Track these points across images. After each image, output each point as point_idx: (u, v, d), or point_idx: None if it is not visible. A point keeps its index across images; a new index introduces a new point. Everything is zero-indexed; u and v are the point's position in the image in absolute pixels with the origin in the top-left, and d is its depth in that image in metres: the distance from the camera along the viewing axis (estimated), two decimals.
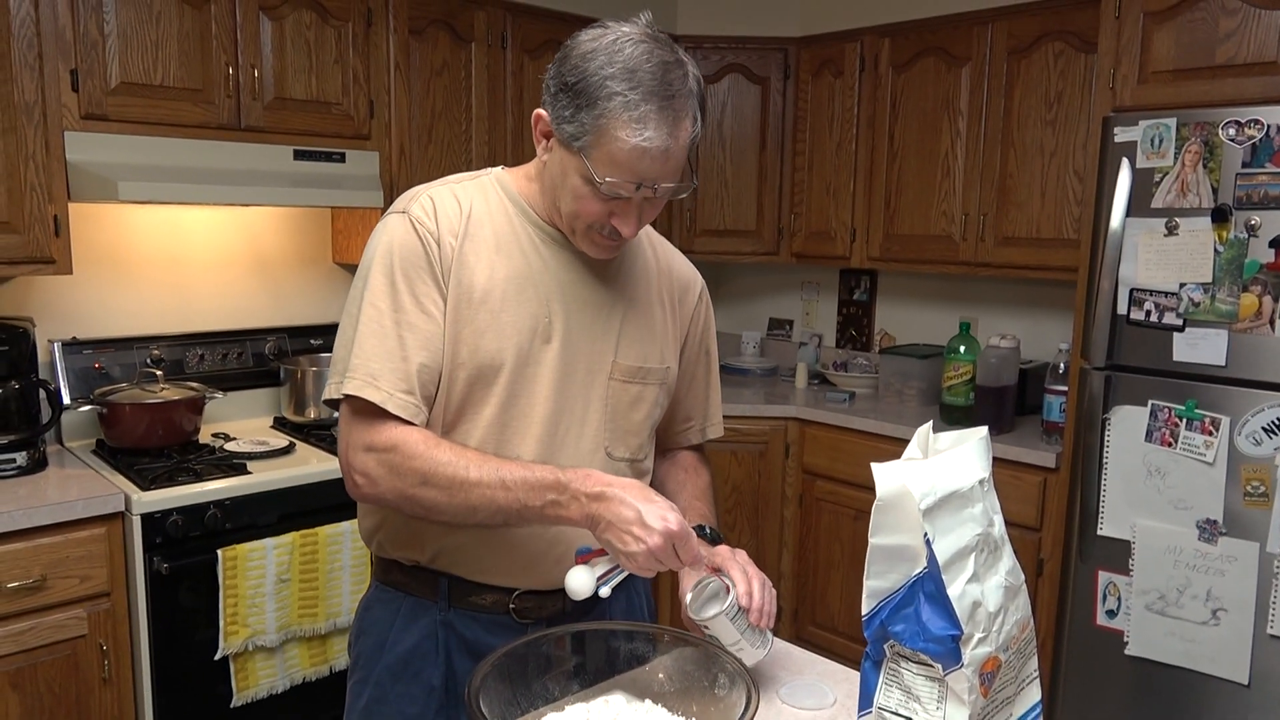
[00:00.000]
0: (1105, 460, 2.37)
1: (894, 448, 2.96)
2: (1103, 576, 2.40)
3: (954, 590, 0.81)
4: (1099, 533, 2.39)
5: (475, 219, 1.24)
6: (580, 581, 1.13)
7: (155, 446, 2.40)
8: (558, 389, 1.26)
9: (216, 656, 2.19)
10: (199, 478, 2.24)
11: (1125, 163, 2.30)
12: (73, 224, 2.31)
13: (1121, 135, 2.30)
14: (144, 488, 2.15)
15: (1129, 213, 2.30)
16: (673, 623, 1.38)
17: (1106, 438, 2.37)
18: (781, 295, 4.06)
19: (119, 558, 2.12)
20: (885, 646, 0.87)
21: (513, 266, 1.24)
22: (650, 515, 1.06)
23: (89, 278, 2.56)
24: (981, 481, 0.87)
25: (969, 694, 0.81)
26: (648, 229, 1.43)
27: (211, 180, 2.37)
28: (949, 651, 0.81)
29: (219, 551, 2.16)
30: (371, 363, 1.18)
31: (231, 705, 2.23)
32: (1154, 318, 2.28)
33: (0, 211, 2.14)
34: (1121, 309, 2.33)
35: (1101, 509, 2.39)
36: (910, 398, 3.27)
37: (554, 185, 1.23)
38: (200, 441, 2.53)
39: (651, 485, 1.48)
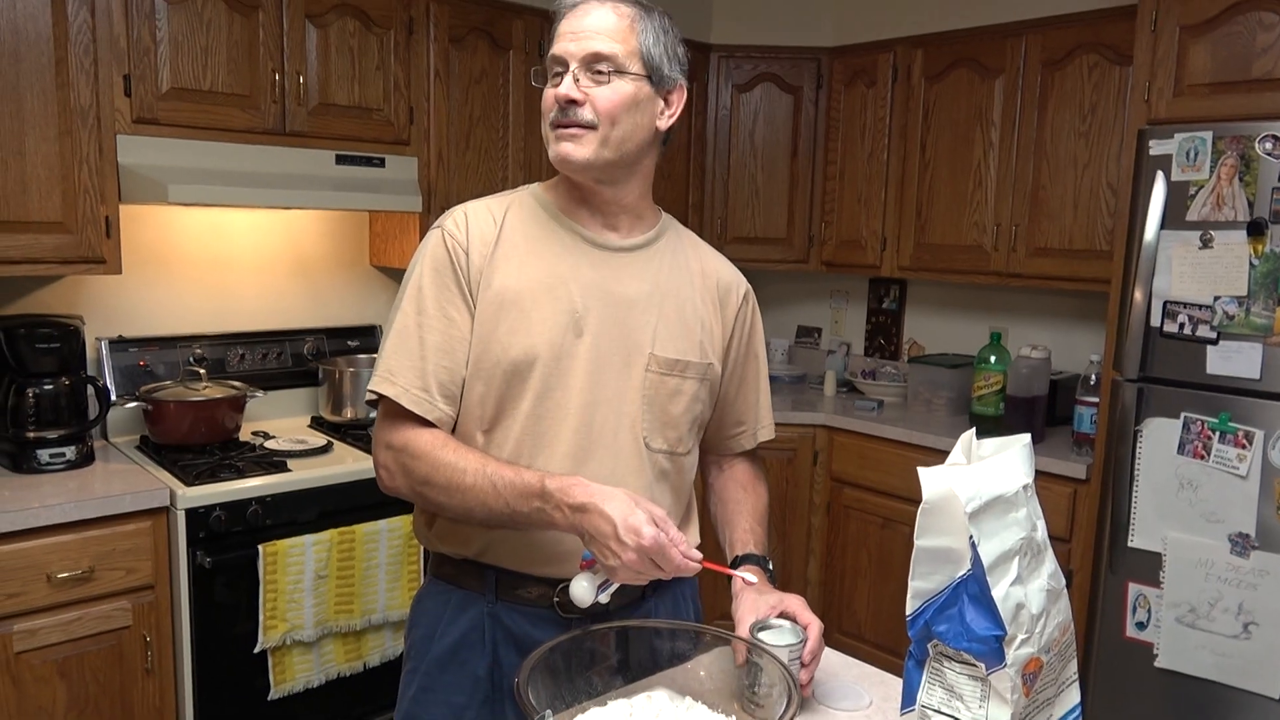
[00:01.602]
0: (1136, 472, 2.38)
1: (923, 456, 2.97)
2: (1133, 588, 2.40)
3: (998, 592, 0.83)
4: (1129, 544, 2.40)
5: (509, 226, 1.32)
6: (581, 589, 1.16)
7: (198, 443, 2.45)
8: (592, 381, 1.30)
9: (255, 650, 2.24)
10: (241, 474, 2.29)
11: (1160, 175, 2.30)
12: (121, 225, 2.37)
13: (1156, 148, 2.31)
14: (188, 483, 2.20)
15: (1163, 225, 2.31)
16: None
17: (1138, 450, 2.37)
18: (810, 303, 4.08)
19: (163, 551, 2.18)
20: (929, 646, 0.89)
21: (544, 266, 1.30)
22: (624, 530, 1.08)
23: (135, 277, 2.63)
24: (1025, 487, 0.89)
25: (1011, 693, 0.84)
26: (692, 236, 1.47)
27: (256, 183, 2.43)
28: (993, 651, 0.84)
29: (260, 547, 2.21)
30: (392, 361, 1.28)
31: (269, 698, 2.28)
32: (1187, 330, 2.28)
33: (54, 212, 2.20)
34: (1155, 321, 2.34)
35: (1132, 521, 2.39)
36: (939, 407, 3.28)
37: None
38: (241, 439, 2.58)
39: (711, 500, 1.53)
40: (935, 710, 0.88)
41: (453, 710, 1.33)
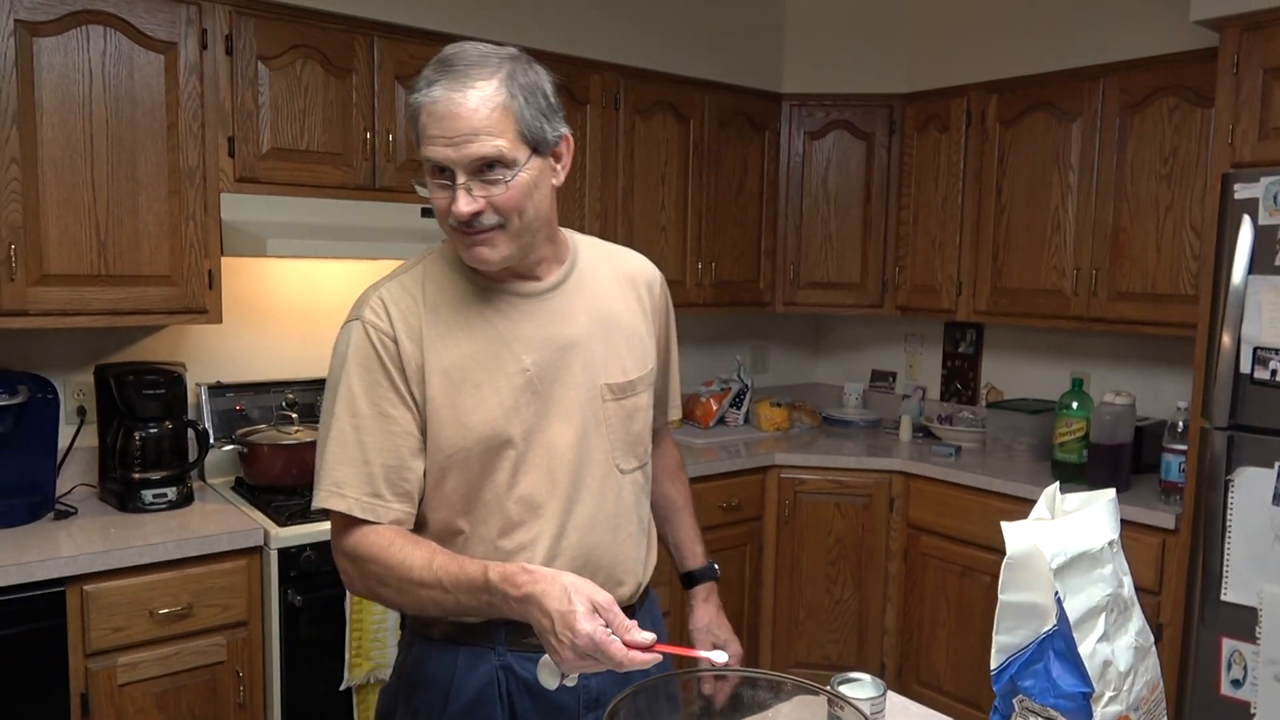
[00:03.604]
0: (1229, 523, 2.31)
1: (1003, 504, 2.93)
2: (1227, 644, 2.32)
3: (1084, 648, 0.84)
4: (1223, 598, 2.32)
5: (431, 303, 1.29)
6: (544, 674, 1.14)
7: (289, 485, 2.55)
8: (560, 431, 1.31)
9: (341, 687, 2.30)
10: (330, 516, 2.37)
11: (1246, 219, 2.27)
12: (222, 276, 2.50)
13: (1242, 192, 2.28)
14: (280, 524, 2.29)
15: (1251, 270, 2.26)
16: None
17: (1230, 500, 2.31)
18: (884, 347, 4.06)
19: (256, 589, 2.26)
20: (1014, 701, 0.89)
21: (479, 336, 1.29)
22: (560, 628, 1.06)
23: (233, 326, 2.76)
24: (1111, 543, 0.90)
25: None
26: (596, 242, 1.47)
27: (347, 237, 2.54)
28: (1080, 708, 0.84)
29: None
30: (335, 472, 1.25)
31: None
32: None
33: (162, 266, 2.34)
34: (1244, 368, 2.28)
35: (1225, 573, 2.32)
36: (1020, 453, 3.22)
37: None
38: None
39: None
40: None
41: None
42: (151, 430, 2.39)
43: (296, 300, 2.89)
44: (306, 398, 2.84)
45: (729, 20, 3.43)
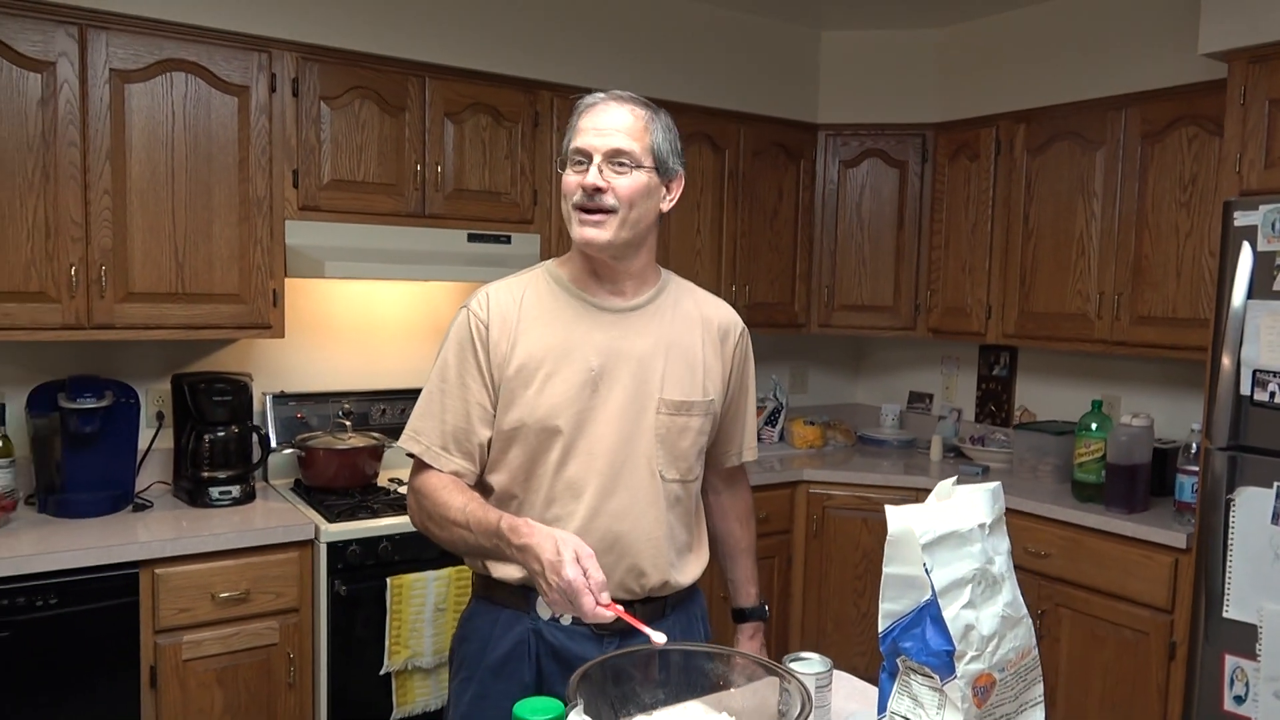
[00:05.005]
0: (1230, 542, 2.36)
1: (1023, 521, 3.00)
2: (1230, 661, 2.36)
3: (949, 613, 0.97)
4: (1225, 615, 2.37)
5: (527, 303, 1.55)
6: (542, 606, 1.43)
7: (341, 486, 2.78)
8: (611, 428, 1.52)
9: (381, 673, 2.51)
10: (375, 514, 2.59)
11: (1246, 246, 2.33)
12: (285, 296, 2.76)
13: (1241, 219, 2.35)
14: (330, 520, 2.52)
15: (1250, 294, 2.32)
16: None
17: (1231, 519, 2.36)
18: (921, 369, 4.15)
19: (307, 579, 2.49)
20: (897, 660, 1.03)
21: (559, 335, 1.53)
22: (549, 569, 1.27)
23: (295, 341, 3.02)
24: (982, 525, 1.03)
25: (962, 702, 0.97)
26: (691, 286, 1.69)
27: (400, 260, 2.78)
28: (944, 664, 0.97)
29: (388, 579, 2.49)
30: (417, 421, 1.55)
31: (391, 718, 2.54)
32: (1279, 399, 2.28)
33: (232, 286, 2.61)
34: (1245, 389, 2.34)
35: (1227, 591, 2.37)
36: (1045, 474, 3.29)
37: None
38: (378, 484, 2.90)
39: (712, 520, 1.77)
40: (903, 716, 1.02)
41: (504, 715, 1.52)
42: (219, 434, 2.65)
43: (354, 318, 3.14)
44: (361, 407, 3.08)
45: (766, 58, 3.60)
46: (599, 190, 1.46)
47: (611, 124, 1.48)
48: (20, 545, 2.22)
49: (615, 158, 1.47)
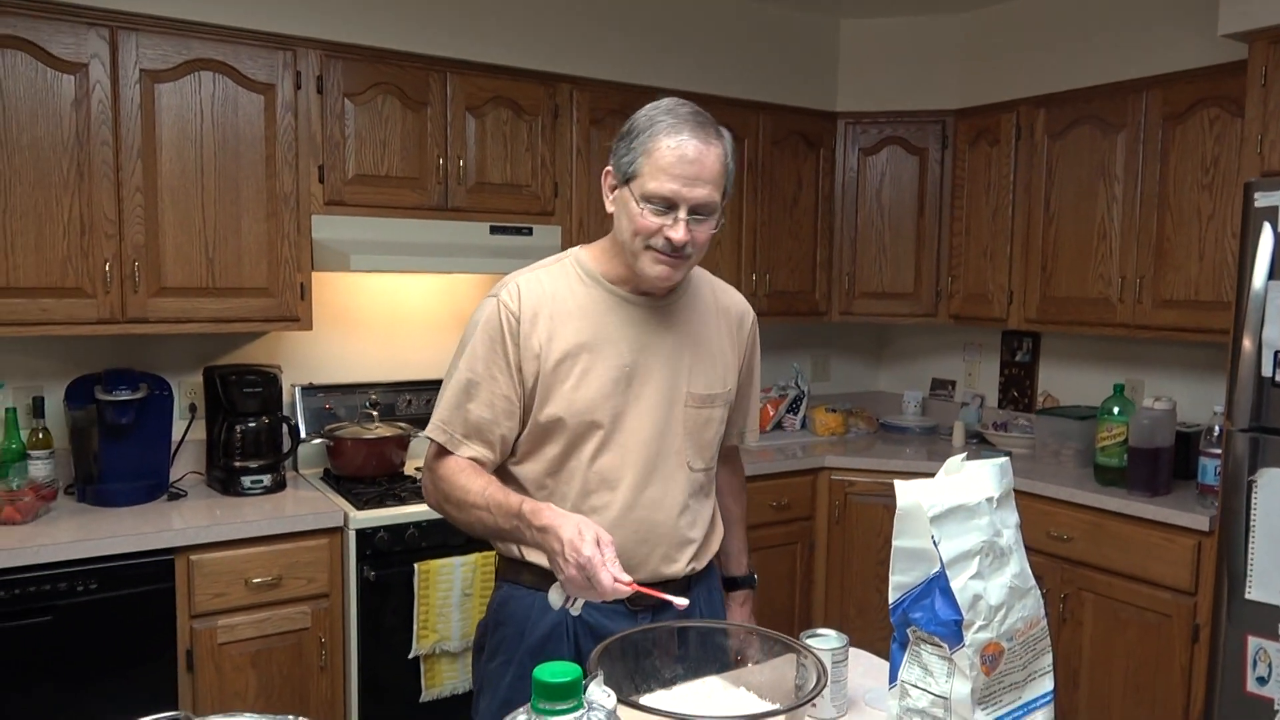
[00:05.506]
0: (1252, 523, 2.36)
1: (1045, 505, 3.01)
2: (1252, 642, 2.36)
3: (957, 584, 1.00)
4: (1247, 596, 2.37)
5: (558, 296, 1.53)
6: (551, 596, 1.39)
7: (369, 475, 2.84)
8: (645, 422, 1.55)
9: (409, 656, 2.56)
10: (402, 502, 2.64)
11: (1267, 227, 2.33)
12: (313, 289, 2.81)
13: (1262, 200, 2.34)
14: (359, 508, 2.58)
15: (1271, 276, 2.32)
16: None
17: (1253, 500, 2.36)
18: (943, 356, 4.15)
19: (337, 565, 2.55)
20: (908, 631, 1.06)
21: (592, 328, 1.52)
22: (569, 549, 1.28)
23: (323, 333, 3.08)
24: (990, 499, 1.06)
25: (970, 670, 1.00)
26: (705, 274, 1.69)
27: (423, 253, 2.82)
28: (953, 634, 1.00)
29: (415, 565, 2.55)
30: (443, 410, 1.53)
31: (420, 700, 2.59)
32: None
33: (261, 280, 2.67)
34: (1266, 371, 2.33)
35: (1249, 572, 2.36)
36: (1068, 458, 3.28)
37: (618, 226, 1.50)
38: (405, 472, 2.96)
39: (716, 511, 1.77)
40: (913, 685, 1.05)
41: None
42: (250, 425, 2.71)
43: (380, 310, 3.19)
44: (387, 398, 3.13)
45: (786, 47, 3.61)
46: (684, 244, 1.45)
47: (700, 173, 1.42)
48: (60, 533, 2.29)
49: (699, 209, 1.44)
